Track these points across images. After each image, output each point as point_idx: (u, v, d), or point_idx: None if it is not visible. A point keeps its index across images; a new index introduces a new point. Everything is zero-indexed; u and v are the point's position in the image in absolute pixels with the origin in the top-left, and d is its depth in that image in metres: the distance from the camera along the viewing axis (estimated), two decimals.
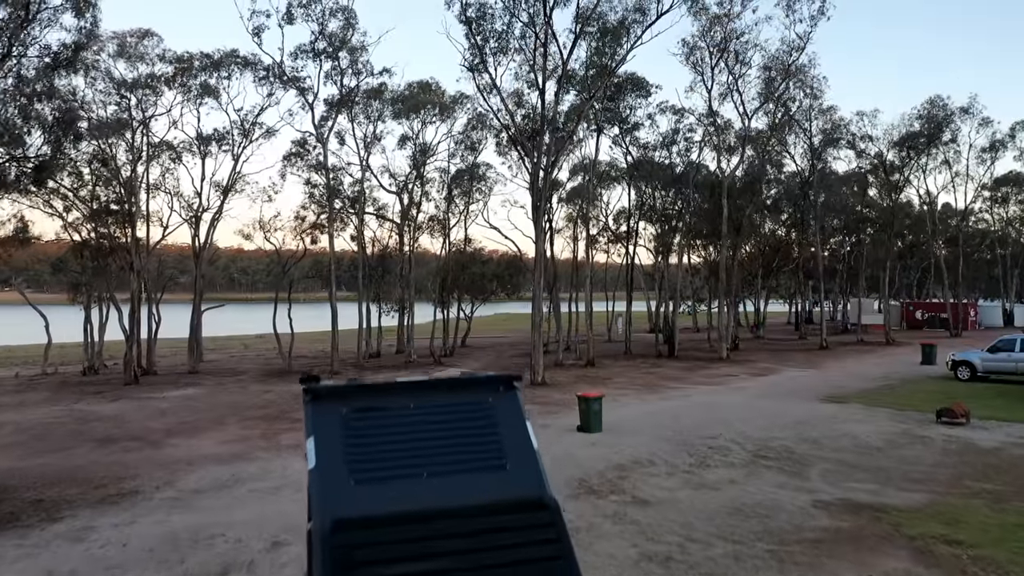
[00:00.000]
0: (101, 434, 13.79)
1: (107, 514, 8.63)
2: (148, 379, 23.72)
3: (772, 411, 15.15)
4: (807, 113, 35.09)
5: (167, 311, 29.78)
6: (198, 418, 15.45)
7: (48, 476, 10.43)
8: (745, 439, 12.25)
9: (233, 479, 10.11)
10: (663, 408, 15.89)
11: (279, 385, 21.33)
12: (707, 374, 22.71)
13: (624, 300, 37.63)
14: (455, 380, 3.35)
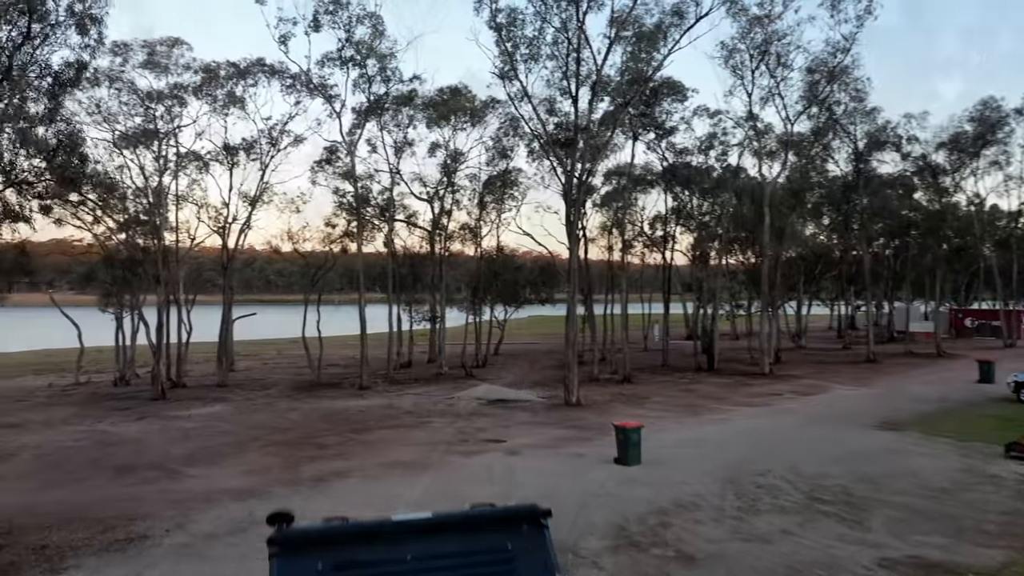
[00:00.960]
0: (120, 461, 13.33)
1: (112, 564, 8.09)
2: (177, 392, 23.40)
3: (824, 440, 14.20)
4: (851, 116, 33.82)
5: (206, 312, 29.61)
6: (220, 443, 14.93)
7: (58, 514, 9.93)
8: (797, 476, 11.36)
9: (249, 520, 9.51)
10: (705, 435, 15.02)
11: (306, 401, 20.83)
12: (750, 392, 21.72)
13: (660, 301, 36.78)
14: (466, 519, 2.64)
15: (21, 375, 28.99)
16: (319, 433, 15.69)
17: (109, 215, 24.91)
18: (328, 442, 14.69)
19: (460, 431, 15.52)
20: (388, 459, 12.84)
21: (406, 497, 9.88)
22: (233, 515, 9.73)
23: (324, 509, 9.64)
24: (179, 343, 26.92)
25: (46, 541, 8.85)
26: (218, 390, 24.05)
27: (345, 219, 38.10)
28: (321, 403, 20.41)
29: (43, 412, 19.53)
